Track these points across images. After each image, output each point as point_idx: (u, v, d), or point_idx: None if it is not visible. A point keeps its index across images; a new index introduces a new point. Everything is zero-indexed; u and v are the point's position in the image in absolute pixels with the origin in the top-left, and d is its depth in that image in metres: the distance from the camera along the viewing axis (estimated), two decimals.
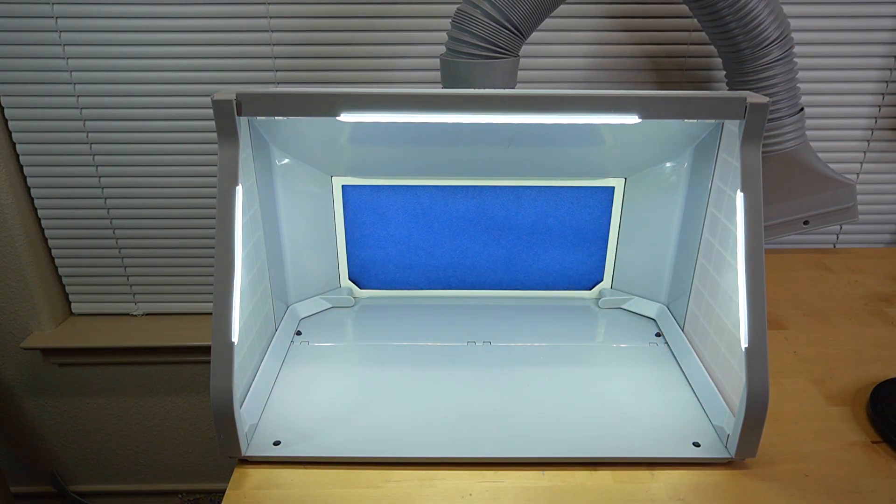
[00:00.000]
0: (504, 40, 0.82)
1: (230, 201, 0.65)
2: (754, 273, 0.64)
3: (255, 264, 0.78)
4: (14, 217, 1.14)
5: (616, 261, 0.95)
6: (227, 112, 0.64)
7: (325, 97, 0.64)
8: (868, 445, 0.70)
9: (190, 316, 1.28)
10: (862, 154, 1.14)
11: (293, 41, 1.04)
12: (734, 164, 0.69)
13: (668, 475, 0.65)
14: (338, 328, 0.90)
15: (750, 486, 0.64)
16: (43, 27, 1.02)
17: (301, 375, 0.79)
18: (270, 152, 0.82)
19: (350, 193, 0.90)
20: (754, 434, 0.64)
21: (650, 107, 0.65)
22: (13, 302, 1.22)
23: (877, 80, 1.08)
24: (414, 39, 1.05)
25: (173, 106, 1.08)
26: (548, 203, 0.91)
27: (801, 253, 1.17)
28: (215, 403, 0.63)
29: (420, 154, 0.86)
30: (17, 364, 1.31)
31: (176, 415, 1.39)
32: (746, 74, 0.88)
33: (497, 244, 0.94)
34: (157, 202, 1.16)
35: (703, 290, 0.80)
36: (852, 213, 0.96)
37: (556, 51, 1.05)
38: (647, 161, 0.87)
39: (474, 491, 0.63)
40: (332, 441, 0.68)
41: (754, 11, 0.81)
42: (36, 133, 1.10)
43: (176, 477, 1.49)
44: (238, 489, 0.63)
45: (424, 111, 0.65)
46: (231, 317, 0.63)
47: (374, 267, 0.96)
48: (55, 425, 1.40)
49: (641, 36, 1.05)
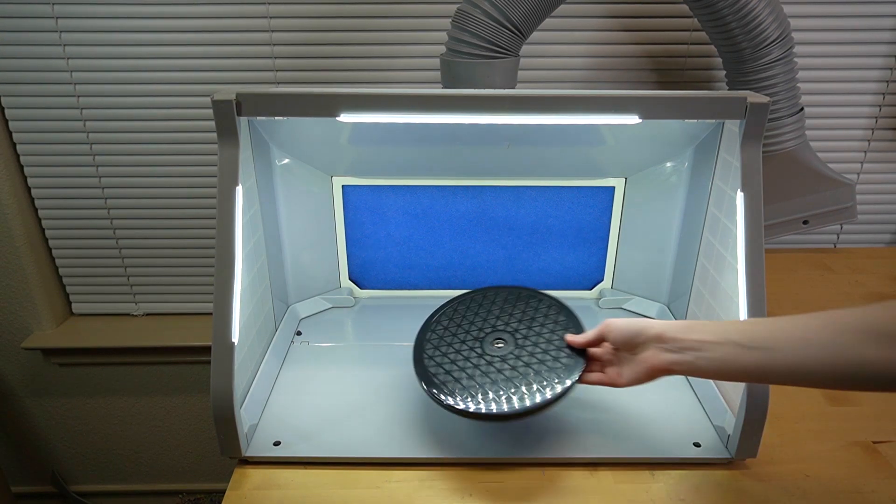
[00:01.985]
0: (504, 40, 0.82)
1: (230, 201, 0.65)
2: (754, 273, 0.64)
3: (255, 264, 0.78)
4: (14, 217, 1.14)
5: (616, 261, 0.95)
6: (227, 112, 0.64)
7: (325, 97, 0.64)
8: (868, 445, 0.70)
9: (190, 316, 1.28)
10: (862, 154, 1.14)
11: (293, 41, 1.04)
12: (734, 163, 0.69)
13: (668, 475, 0.65)
14: (338, 328, 0.90)
15: (750, 486, 0.64)
16: (43, 27, 1.02)
17: (301, 375, 0.79)
18: (270, 152, 0.82)
19: (350, 193, 0.90)
20: (754, 434, 0.64)
21: (650, 107, 0.65)
22: (14, 302, 1.22)
23: (877, 80, 1.08)
24: (414, 39, 1.04)
25: (173, 106, 1.08)
26: (548, 203, 0.91)
27: (802, 253, 1.17)
28: (215, 403, 0.63)
29: (420, 154, 0.86)
30: (18, 364, 1.31)
31: (176, 415, 1.39)
32: (746, 74, 0.88)
33: (497, 244, 0.94)
34: (157, 202, 1.16)
35: (703, 289, 0.80)
36: (851, 212, 0.96)
37: (556, 51, 1.05)
38: (647, 161, 0.87)
39: (474, 491, 0.63)
40: (332, 441, 0.68)
41: (754, 11, 0.81)
42: (36, 133, 1.10)
43: (176, 477, 1.49)
44: (238, 489, 0.63)
45: (424, 111, 0.65)
46: (231, 317, 0.63)
47: (375, 267, 0.96)
48: (56, 425, 1.40)
49: (641, 36, 1.05)
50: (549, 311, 0.75)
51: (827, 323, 0.44)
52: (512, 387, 0.65)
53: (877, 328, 0.42)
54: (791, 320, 0.47)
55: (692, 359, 0.52)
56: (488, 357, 0.69)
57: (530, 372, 0.66)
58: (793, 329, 0.46)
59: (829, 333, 0.44)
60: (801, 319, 0.46)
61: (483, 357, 0.70)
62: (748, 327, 0.50)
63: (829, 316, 0.45)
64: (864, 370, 0.42)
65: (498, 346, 0.71)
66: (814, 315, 0.46)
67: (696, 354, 0.52)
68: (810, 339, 0.45)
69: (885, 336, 0.41)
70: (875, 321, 0.42)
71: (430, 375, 0.68)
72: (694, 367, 0.52)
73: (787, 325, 0.47)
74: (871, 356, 0.42)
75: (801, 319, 0.46)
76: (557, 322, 0.73)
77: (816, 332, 0.45)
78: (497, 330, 0.73)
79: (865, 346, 0.42)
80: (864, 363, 0.42)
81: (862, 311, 0.44)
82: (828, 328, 0.44)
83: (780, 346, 0.46)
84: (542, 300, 0.77)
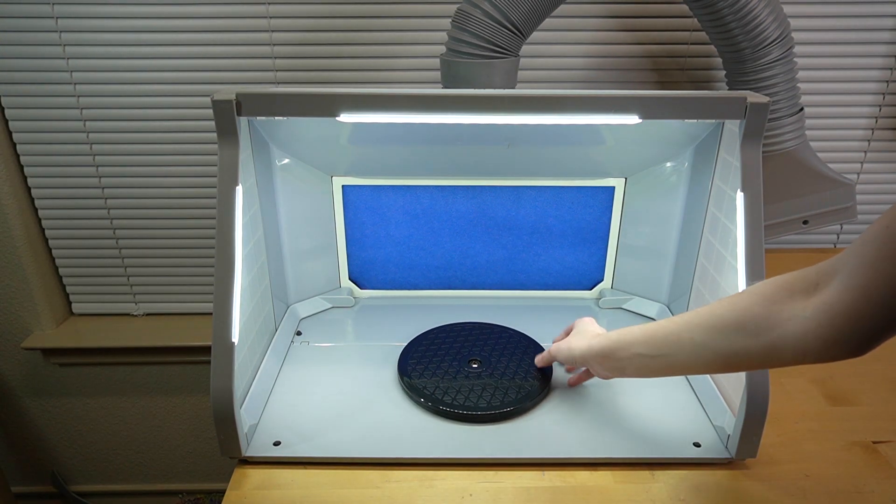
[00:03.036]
0: (504, 40, 0.82)
1: (230, 201, 0.65)
2: (754, 273, 0.64)
3: (255, 264, 0.78)
4: (14, 217, 1.14)
5: (616, 261, 0.95)
6: (227, 112, 0.64)
7: (325, 97, 0.64)
8: (868, 445, 0.70)
9: (190, 316, 1.28)
10: (862, 154, 1.14)
11: (293, 41, 1.04)
12: (734, 163, 0.69)
13: (668, 475, 0.65)
14: (338, 328, 0.90)
15: (750, 487, 0.64)
16: (43, 27, 1.02)
17: (301, 375, 0.79)
18: (270, 152, 0.82)
19: (350, 193, 0.90)
20: (754, 434, 0.64)
21: (650, 107, 0.65)
22: (14, 302, 1.22)
23: (877, 80, 1.08)
24: (414, 39, 1.04)
25: (173, 106, 1.08)
26: (548, 203, 0.91)
27: (802, 253, 1.17)
28: (215, 403, 0.63)
29: (420, 154, 0.86)
30: (18, 364, 1.31)
31: (176, 415, 1.39)
32: (746, 74, 0.88)
33: (497, 244, 0.94)
34: (157, 202, 1.16)
35: (703, 289, 0.80)
36: (851, 212, 0.95)
37: (556, 51, 1.05)
38: (647, 161, 0.87)
39: (474, 491, 0.63)
40: (333, 441, 0.68)
41: (754, 11, 0.81)
42: (36, 133, 1.10)
43: (176, 477, 1.49)
44: (238, 489, 0.63)
45: (424, 111, 0.65)
46: (231, 317, 0.63)
47: (375, 267, 0.96)
48: (56, 425, 1.40)
49: (642, 36, 1.05)
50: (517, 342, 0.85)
51: (707, 324, 0.53)
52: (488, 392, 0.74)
53: (734, 323, 0.51)
54: (682, 323, 0.56)
55: (619, 371, 0.65)
56: (465, 371, 0.78)
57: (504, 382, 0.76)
58: (682, 333, 0.55)
59: (710, 335, 0.53)
60: (690, 321, 0.55)
61: (461, 371, 0.78)
62: (649, 337, 0.59)
63: (709, 315, 0.53)
64: (739, 360, 0.51)
65: (473, 366, 0.79)
66: (698, 314, 0.54)
67: (622, 369, 0.64)
68: (696, 342, 0.54)
69: (741, 329, 0.50)
70: (736, 316, 0.51)
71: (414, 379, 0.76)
72: (623, 374, 0.65)
73: (678, 329, 0.56)
74: (738, 348, 0.50)
75: (690, 321, 0.55)
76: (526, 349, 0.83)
77: (701, 334, 0.53)
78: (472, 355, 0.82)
79: (734, 341, 0.50)
80: (737, 355, 0.51)
81: (729, 305, 0.52)
82: (708, 331, 0.53)
83: (675, 352, 0.56)
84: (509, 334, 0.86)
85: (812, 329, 0.44)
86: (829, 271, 0.44)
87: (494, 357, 0.81)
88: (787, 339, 0.46)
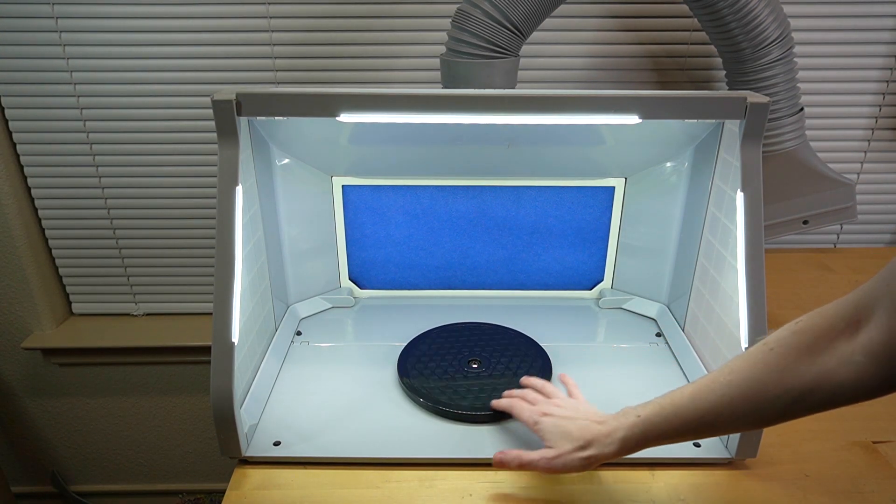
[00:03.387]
0: (504, 40, 0.82)
1: (230, 201, 0.65)
2: (754, 273, 0.64)
3: (255, 264, 0.78)
4: (14, 217, 1.14)
5: (616, 261, 0.95)
6: (227, 112, 0.64)
7: (325, 97, 0.64)
8: (868, 445, 0.70)
9: (190, 316, 1.28)
10: (862, 154, 1.14)
11: (293, 41, 1.04)
12: (734, 163, 0.69)
13: (668, 475, 0.65)
14: (338, 328, 0.90)
15: (750, 486, 0.64)
16: (43, 27, 1.02)
17: (301, 375, 0.79)
18: (270, 152, 0.82)
19: (350, 193, 0.90)
20: (754, 434, 0.64)
21: (650, 107, 0.65)
22: (13, 302, 1.22)
23: (877, 80, 1.08)
24: (414, 39, 1.04)
25: (173, 106, 1.08)
26: (548, 203, 0.91)
27: (802, 253, 1.17)
28: (215, 403, 0.63)
29: (420, 154, 0.86)
30: (18, 364, 1.31)
31: (176, 415, 1.39)
32: (746, 74, 0.88)
33: (497, 244, 0.94)
34: (157, 202, 1.16)
35: (703, 290, 0.80)
36: (851, 212, 0.95)
37: (556, 51, 1.05)
38: (647, 161, 0.87)
39: (474, 491, 0.63)
40: (333, 441, 0.68)
41: (754, 11, 0.81)
42: (36, 133, 1.10)
43: (176, 477, 1.49)
44: (238, 489, 0.63)
45: (424, 111, 0.65)
46: (231, 317, 0.63)
47: (375, 267, 0.96)
48: (55, 425, 1.40)
49: (642, 36, 1.05)
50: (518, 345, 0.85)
51: (752, 397, 0.48)
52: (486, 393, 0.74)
53: (782, 389, 0.46)
54: (723, 400, 0.50)
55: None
56: (464, 372, 0.78)
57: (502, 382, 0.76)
58: (724, 411, 0.50)
59: (757, 406, 0.48)
60: (732, 398, 0.49)
61: (460, 372, 0.78)
62: (691, 423, 0.52)
63: (748, 386, 0.48)
64: (794, 416, 0.48)
65: (473, 366, 0.79)
66: (738, 387, 0.49)
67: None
68: (747, 418, 0.49)
69: (789, 392, 0.46)
70: (781, 378, 0.47)
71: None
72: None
73: (718, 408, 0.50)
74: (792, 409, 0.47)
75: (731, 398, 0.49)
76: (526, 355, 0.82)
77: (744, 406, 0.48)
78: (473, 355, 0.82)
79: (788, 406, 0.47)
80: (793, 415, 0.47)
81: (765, 367, 0.48)
82: (756, 405, 0.48)
83: (721, 430, 0.52)
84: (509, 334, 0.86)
85: (871, 371, 0.43)
86: (867, 304, 0.44)
87: (494, 357, 0.81)
88: (844, 386, 0.45)
